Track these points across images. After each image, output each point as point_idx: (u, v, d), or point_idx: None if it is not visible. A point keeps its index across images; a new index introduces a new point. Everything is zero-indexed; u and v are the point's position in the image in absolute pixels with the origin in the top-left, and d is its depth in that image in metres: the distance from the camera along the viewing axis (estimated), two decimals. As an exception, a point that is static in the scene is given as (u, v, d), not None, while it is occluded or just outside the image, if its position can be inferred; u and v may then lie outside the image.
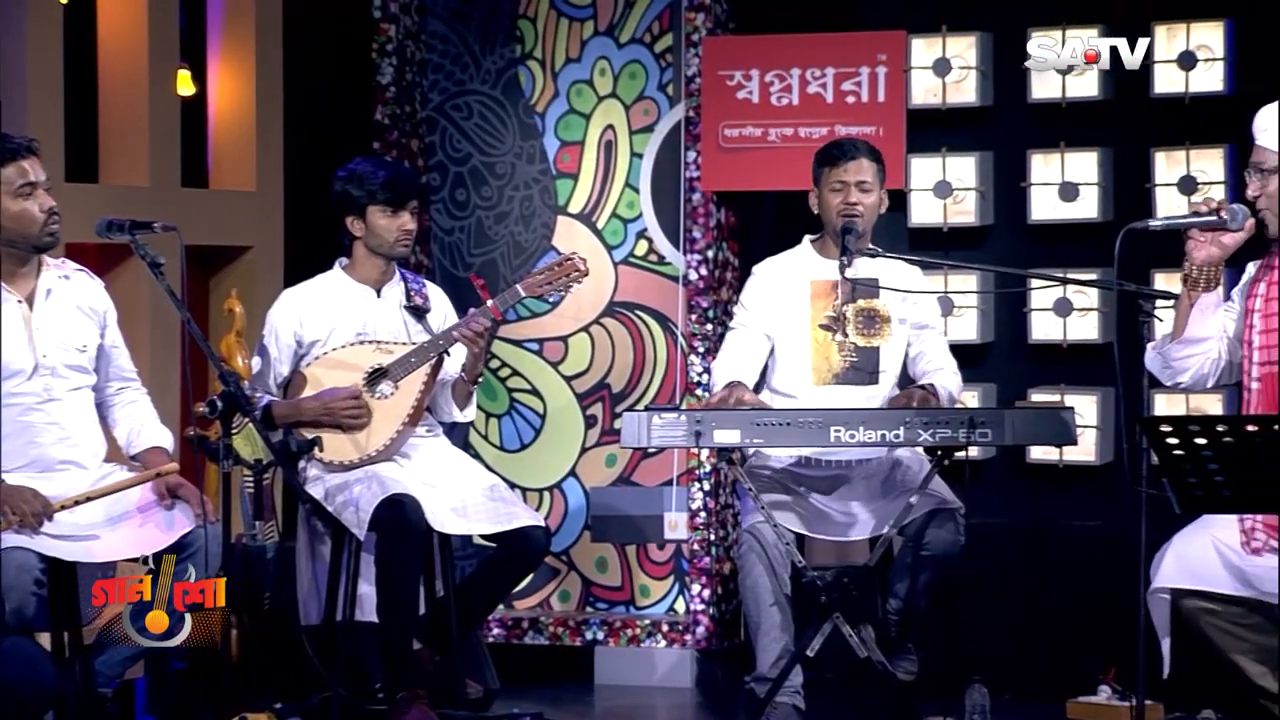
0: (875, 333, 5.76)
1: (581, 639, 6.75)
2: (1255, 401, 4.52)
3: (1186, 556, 4.48)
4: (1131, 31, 6.26)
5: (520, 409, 7.01)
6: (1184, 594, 4.51)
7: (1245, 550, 4.42)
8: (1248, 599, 4.44)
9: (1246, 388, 4.56)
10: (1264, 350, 4.52)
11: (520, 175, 7.00)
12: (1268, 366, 4.51)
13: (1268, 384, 4.50)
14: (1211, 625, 4.49)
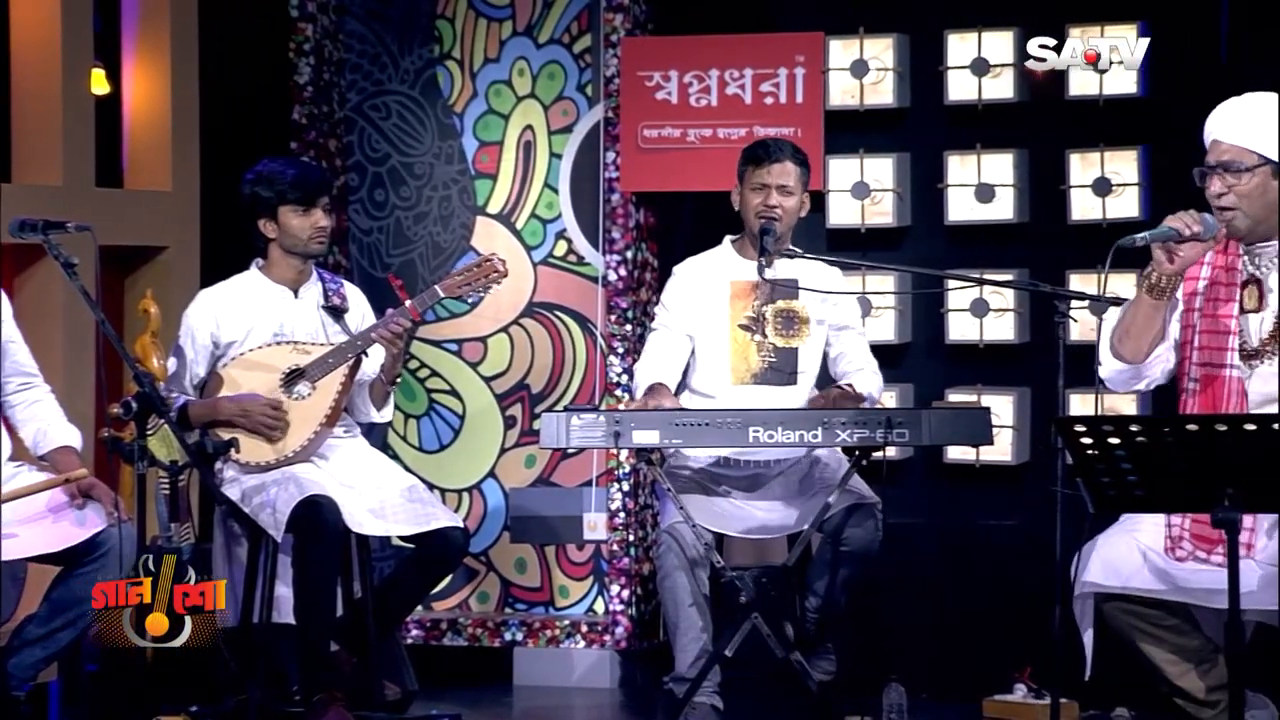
0: (794, 334, 5.78)
1: (500, 640, 6.74)
2: (1192, 404, 4.52)
3: (1110, 558, 4.49)
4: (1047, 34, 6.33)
5: (439, 410, 6.99)
6: (1107, 596, 4.52)
7: (1170, 557, 4.43)
8: (1168, 601, 4.46)
9: (1183, 388, 4.56)
10: (1206, 351, 4.52)
11: (439, 176, 6.98)
12: (1209, 368, 4.51)
13: (1206, 385, 4.50)
14: (1133, 627, 4.51)
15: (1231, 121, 4.50)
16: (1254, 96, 4.53)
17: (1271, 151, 4.45)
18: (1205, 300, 4.55)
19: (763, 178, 5.71)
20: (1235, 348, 4.48)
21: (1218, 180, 4.49)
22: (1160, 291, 4.56)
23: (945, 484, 6.47)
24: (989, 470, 6.36)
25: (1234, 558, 3.95)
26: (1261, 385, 4.46)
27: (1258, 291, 4.50)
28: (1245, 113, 4.49)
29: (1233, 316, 4.49)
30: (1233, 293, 4.51)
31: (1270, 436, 3.86)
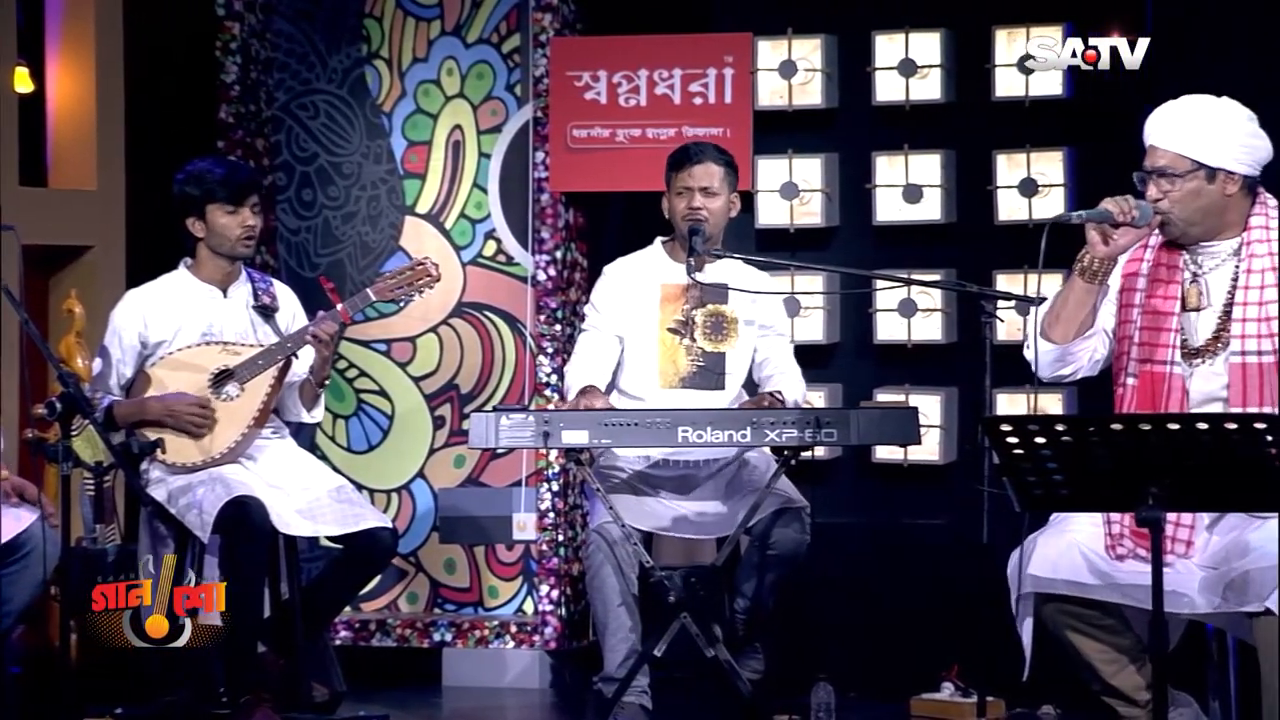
0: (723, 338, 5.78)
1: (429, 641, 6.71)
2: (1129, 399, 4.52)
3: (1050, 559, 4.49)
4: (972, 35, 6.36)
5: (368, 410, 6.96)
6: (1046, 598, 4.53)
7: (1110, 555, 4.44)
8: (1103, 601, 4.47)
9: (1120, 383, 4.56)
10: (1146, 348, 4.53)
11: (367, 175, 6.95)
12: (1148, 365, 4.52)
13: (1145, 382, 4.51)
14: (1070, 626, 4.52)
15: (1166, 126, 4.50)
16: (1190, 100, 4.54)
17: (1205, 156, 4.46)
18: (1146, 296, 4.55)
19: (686, 181, 5.72)
20: (1176, 345, 4.49)
21: (1153, 186, 4.50)
22: (1092, 274, 4.56)
23: (874, 484, 6.49)
24: (917, 470, 6.38)
25: (1157, 556, 3.96)
26: (1203, 385, 4.46)
27: (1200, 290, 4.51)
28: (1179, 117, 4.50)
29: (1173, 314, 4.50)
30: (1174, 290, 4.52)
31: (1193, 436, 3.88)
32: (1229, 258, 4.49)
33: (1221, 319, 4.46)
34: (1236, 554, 4.30)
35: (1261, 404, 4.37)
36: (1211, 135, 4.45)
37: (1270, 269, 4.43)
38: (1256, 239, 4.46)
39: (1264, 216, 4.48)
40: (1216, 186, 4.47)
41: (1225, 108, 4.52)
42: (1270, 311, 4.40)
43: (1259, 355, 4.39)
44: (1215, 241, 4.50)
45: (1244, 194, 4.49)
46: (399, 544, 6.14)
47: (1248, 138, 4.47)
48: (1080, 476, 4.03)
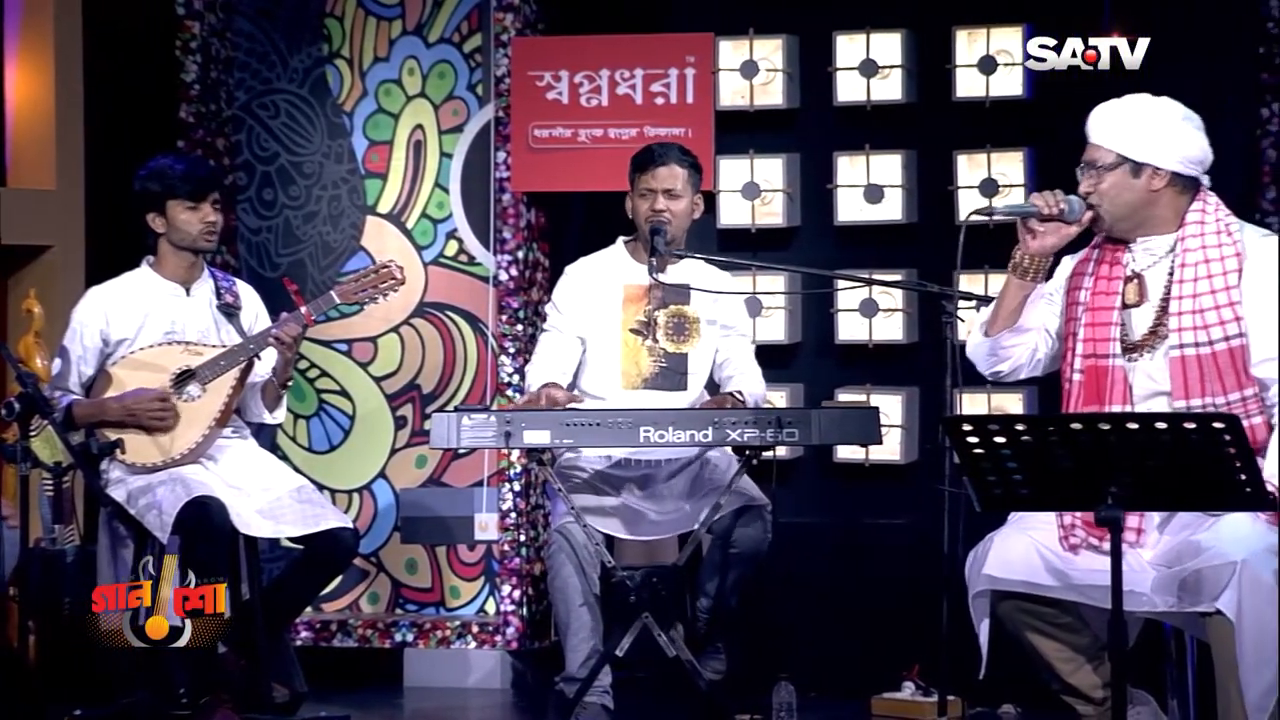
0: (685, 338, 5.77)
1: (391, 641, 6.70)
2: (1075, 395, 4.56)
3: (1007, 557, 4.51)
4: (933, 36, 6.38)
5: (329, 410, 6.94)
6: (1003, 596, 4.55)
7: (1064, 547, 4.46)
8: (1061, 599, 4.49)
9: (1067, 379, 4.60)
10: (1089, 343, 4.56)
11: (328, 175, 6.93)
12: (1093, 360, 4.55)
13: (1090, 377, 4.55)
14: (1027, 624, 4.54)
15: (1099, 121, 4.58)
16: (1128, 98, 4.61)
17: (1130, 151, 4.51)
18: (1089, 293, 4.59)
19: (649, 183, 5.71)
20: (1117, 339, 4.53)
21: (1085, 178, 4.57)
22: (1024, 271, 4.62)
23: (835, 483, 6.50)
24: (878, 469, 6.39)
25: (1117, 556, 3.98)
26: (1144, 378, 4.51)
27: (1139, 286, 4.55)
28: (1113, 113, 4.58)
29: (1115, 309, 4.55)
30: (1115, 285, 4.56)
31: (1152, 435, 3.90)
32: (1166, 254, 4.53)
33: (1158, 314, 4.51)
34: (1188, 554, 4.33)
35: (1203, 395, 4.42)
36: (1139, 131, 4.51)
37: (1202, 262, 4.47)
38: (1190, 234, 4.51)
39: (1200, 213, 4.52)
40: (1142, 181, 4.53)
41: (1157, 106, 4.57)
42: (1203, 304, 4.45)
43: (1196, 347, 4.44)
44: (1152, 237, 4.55)
45: (1177, 191, 4.53)
46: (360, 544, 6.13)
47: (1177, 136, 4.51)
48: (1040, 476, 4.05)
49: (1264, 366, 4.42)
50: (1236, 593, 4.20)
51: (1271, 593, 4.21)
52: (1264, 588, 4.20)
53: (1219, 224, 4.51)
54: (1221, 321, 4.44)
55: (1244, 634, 4.20)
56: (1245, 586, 4.20)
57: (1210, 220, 4.51)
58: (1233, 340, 4.43)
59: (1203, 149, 4.55)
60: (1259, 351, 4.42)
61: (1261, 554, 4.24)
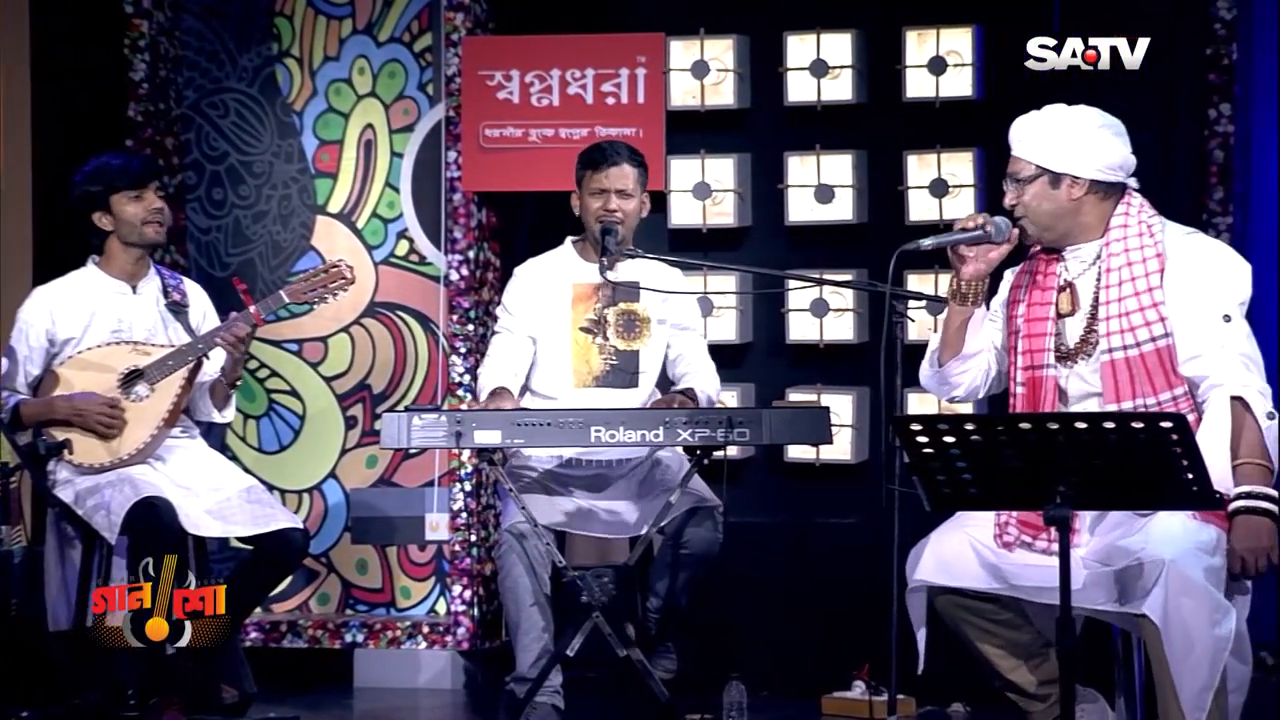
0: (635, 336, 5.77)
1: (341, 641, 6.68)
2: (1019, 406, 4.60)
3: (943, 554, 4.54)
4: (883, 36, 6.39)
5: (279, 410, 6.92)
6: (940, 591, 4.57)
7: (998, 544, 4.49)
8: (1001, 595, 4.51)
9: (1012, 393, 4.64)
10: (1028, 355, 4.59)
11: (278, 174, 6.91)
12: (1031, 371, 4.58)
13: (1031, 388, 4.58)
14: (966, 621, 4.56)
15: (1019, 133, 4.63)
16: (1046, 109, 4.65)
17: (1048, 161, 4.55)
18: (1026, 305, 4.63)
19: (600, 182, 5.70)
20: (1052, 349, 4.56)
21: (1008, 192, 4.61)
22: (963, 297, 4.67)
23: (786, 483, 6.50)
24: (829, 469, 6.40)
25: (1066, 554, 4.00)
26: (1078, 385, 4.55)
27: (1072, 295, 4.59)
28: (1030, 125, 4.63)
29: (1049, 319, 4.59)
30: (1049, 296, 4.60)
31: (1100, 435, 3.92)
32: (1094, 261, 4.57)
33: (1089, 321, 4.54)
34: (1119, 554, 4.35)
35: (1134, 397, 4.45)
36: (1054, 141, 4.55)
37: (1126, 265, 4.49)
38: (1115, 239, 4.54)
39: (1124, 217, 4.54)
40: (1061, 191, 4.56)
41: (1073, 115, 4.61)
42: (1128, 307, 4.48)
43: (1125, 350, 4.47)
44: (1080, 246, 4.59)
45: (1099, 198, 4.57)
46: (310, 545, 6.10)
47: (1094, 144, 4.54)
48: (989, 476, 4.06)
49: (1191, 364, 4.44)
50: (1163, 592, 4.21)
51: (1202, 591, 4.22)
52: (1193, 586, 4.21)
53: (1141, 226, 4.54)
54: (1147, 323, 4.46)
55: (1171, 634, 4.22)
56: (1172, 586, 4.21)
57: (1133, 223, 4.54)
58: (1159, 341, 4.45)
59: (1122, 155, 4.57)
60: (1185, 350, 4.44)
61: (1191, 553, 4.25)
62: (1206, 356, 4.42)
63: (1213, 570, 4.27)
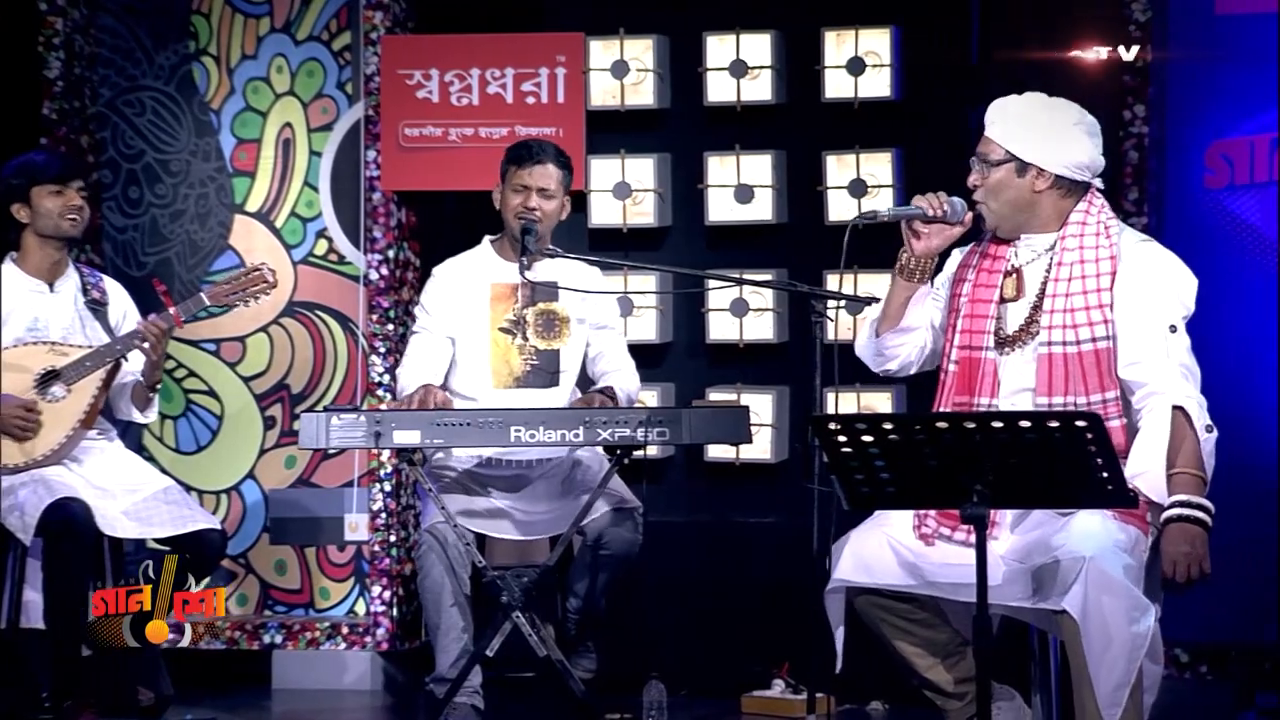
0: (555, 335, 5.76)
1: (259, 643, 6.64)
2: (949, 385, 4.60)
3: (862, 554, 4.54)
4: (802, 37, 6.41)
5: (196, 410, 6.87)
6: (858, 590, 4.57)
7: (916, 535, 4.50)
8: (918, 595, 4.52)
9: (944, 370, 4.64)
10: (966, 335, 4.59)
11: (196, 173, 6.86)
12: (967, 351, 4.58)
13: (963, 368, 4.58)
14: (884, 621, 4.57)
15: (995, 116, 4.61)
16: (1027, 96, 4.64)
17: (1019, 150, 4.54)
18: (971, 286, 4.62)
19: (524, 179, 5.69)
20: (991, 332, 4.57)
21: (974, 171, 4.59)
22: (910, 273, 4.65)
23: (706, 482, 6.51)
24: (749, 468, 6.40)
25: (982, 553, 4.01)
26: (1013, 373, 4.55)
27: (1018, 281, 4.59)
28: (1007, 109, 4.61)
29: (992, 302, 4.58)
30: (994, 279, 4.60)
31: (1016, 434, 3.93)
32: (1046, 251, 4.57)
33: (1033, 310, 4.55)
34: (1039, 551, 4.37)
35: (1066, 394, 4.46)
36: (1030, 131, 4.55)
37: (1079, 262, 4.51)
38: (1071, 234, 4.55)
39: (1084, 214, 4.56)
40: (1026, 181, 4.56)
41: (1053, 108, 4.60)
42: (1074, 304, 4.50)
43: (1064, 346, 4.48)
44: (1034, 235, 4.58)
45: (1060, 194, 4.57)
46: (228, 545, 6.07)
47: (1067, 140, 4.55)
48: (907, 474, 4.07)
49: (1132, 369, 4.46)
50: (1083, 589, 4.23)
51: (1121, 589, 4.25)
52: (1112, 584, 4.24)
53: (1100, 226, 4.55)
54: (1090, 323, 4.48)
55: (1090, 630, 4.24)
56: (1092, 583, 4.23)
57: (1092, 222, 4.55)
58: (1100, 342, 4.47)
59: (1092, 155, 4.58)
60: (1127, 355, 4.46)
61: (1110, 550, 4.28)
62: (1148, 363, 4.45)
63: (1131, 569, 4.30)
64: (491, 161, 5.87)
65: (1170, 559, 4.33)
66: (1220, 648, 5.96)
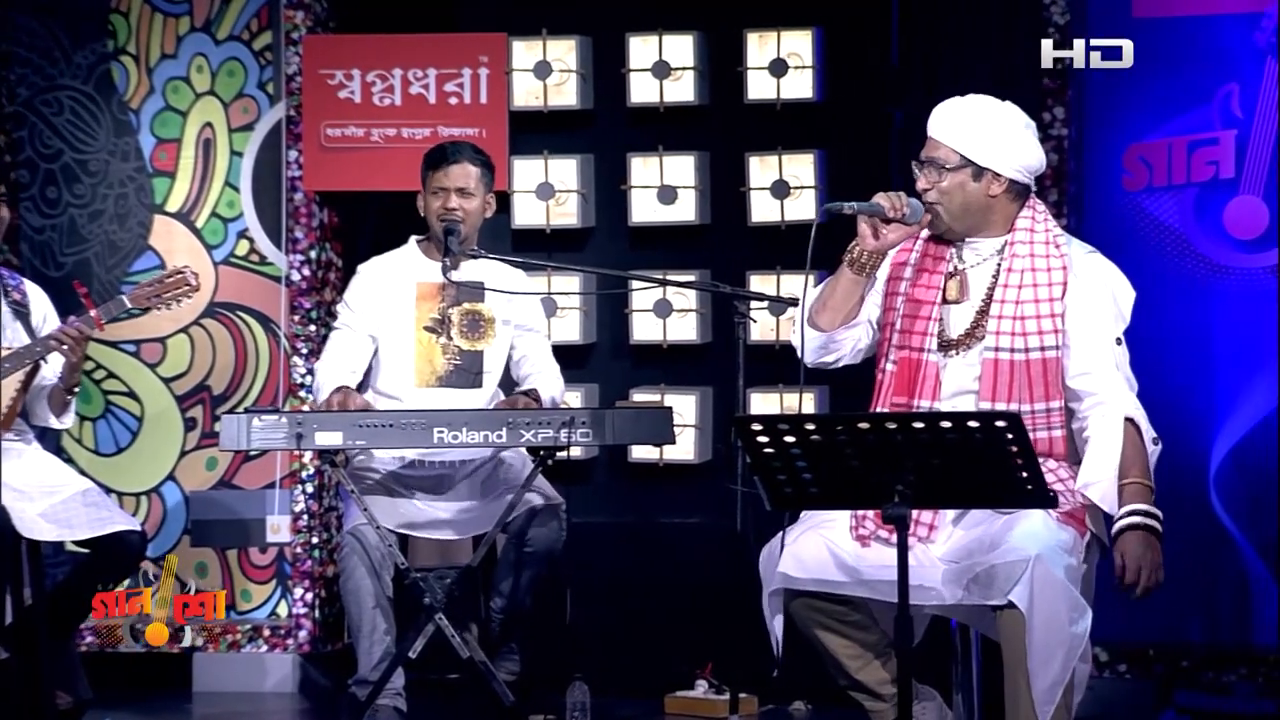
0: (479, 336, 5.75)
1: (179, 646, 6.59)
2: (887, 385, 4.58)
3: (801, 555, 4.53)
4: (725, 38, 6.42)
5: (116, 412, 6.81)
6: (794, 593, 4.57)
7: (853, 536, 4.50)
8: (852, 597, 4.52)
9: (880, 369, 4.62)
10: (905, 335, 4.59)
11: (115, 173, 6.80)
12: (906, 352, 4.58)
13: (902, 369, 4.57)
14: (818, 623, 4.56)
15: (945, 120, 4.59)
16: (975, 99, 4.62)
17: (974, 154, 4.54)
18: (910, 284, 4.62)
19: (441, 180, 5.68)
20: (934, 334, 4.57)
21: (924, 176, 4.58)
22: (861, 266, 4.63)
23: (629, 483, 6.51)
24: (672, 469, 6.41)
25: (904, 553, 4.01)
26: (955, 376, 4.54)
27: (961, 283, 4.59)
28: (959, 113, 4.59)
29: (933, 304, 4.58)
30: (936, 280, 4.59)
31: (937, 434, 3.94)
32: (992, 255, 4.58)
33: (978, 314, 4.55)
34: (981, 549, 4.38)
35: (1010, 400, 4.46)
36: (985, 135, 4.54)
37: (1029, 270, 4.52)
38: (1020, 240, 4.56)
39: (1030, 220, 4.57)
40: (982, 185, 4.55)
41: (1005, 112, 4.61)
42: (1025, 311, 4.50)
43: (1010, 352, 4.49)
44: (980, 238, 4.58)
45: (1010, 198, 4.58)
46: (148, 547, 6.03)
47: (1020, 144, 4.56)
48: (829, 475, 4.07)
49: (1081, 379, 4.48)
50: (1029, 586, 4.25)
51: (1063, 588, 4.27)
52: (1055, 583, 4.26)
53: (1048, 234, 4.56)
54: (1040, 331, 4.49)
55: (1034, 626, 4.26)
56: (1037, 581, 4.26)
57: (1040, 230, 4.56)
58: (1048, 351, 4.48)
59: (1039, 158, 4.60)
60: (1077, 365, 4.49)
61: (1055, 551, 4.30)
62: (1098, 375, 4.47)
63: (1072, 570, 4.32)
64: (414, 162, 5.86)
65: (1135, 564, 4.35)
66: (1139, 647, 6.01)
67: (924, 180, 4.59)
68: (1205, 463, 5.96)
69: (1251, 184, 5.96)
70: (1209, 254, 6.00)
